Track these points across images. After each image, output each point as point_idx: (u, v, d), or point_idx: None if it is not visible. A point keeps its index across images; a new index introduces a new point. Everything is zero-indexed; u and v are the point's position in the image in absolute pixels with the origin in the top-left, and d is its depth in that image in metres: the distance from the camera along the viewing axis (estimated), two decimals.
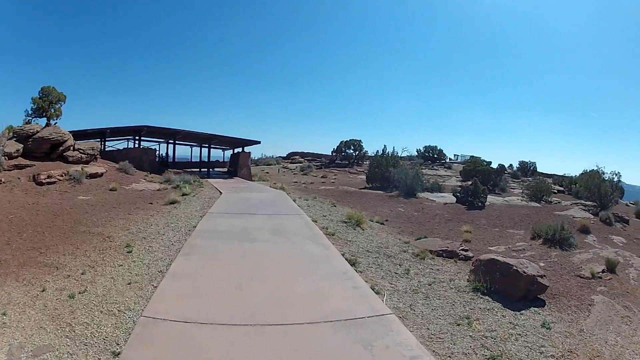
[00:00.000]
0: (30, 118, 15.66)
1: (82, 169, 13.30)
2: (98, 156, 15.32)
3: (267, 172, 26.63)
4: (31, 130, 14.36)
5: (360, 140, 31.90)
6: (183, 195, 12.19)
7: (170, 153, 31.39)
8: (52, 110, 15.52)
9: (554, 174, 28.45)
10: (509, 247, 8.61)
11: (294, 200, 12.36)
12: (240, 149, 23.44)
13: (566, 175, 24.83)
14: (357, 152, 31.50)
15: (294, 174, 27.12)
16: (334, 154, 32.42)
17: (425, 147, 37.07)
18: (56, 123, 15.90)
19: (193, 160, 27.15)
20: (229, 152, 28.69)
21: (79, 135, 16.28)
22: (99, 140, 19.20)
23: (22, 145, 14.06)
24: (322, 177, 24.14)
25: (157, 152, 27.62)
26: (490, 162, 26.48)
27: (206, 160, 23.92)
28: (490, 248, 8.48)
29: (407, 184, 15.18)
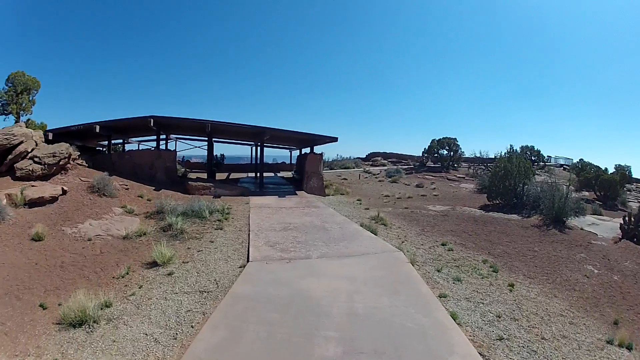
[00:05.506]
0: None
1: (20, 192, 7.40)
2: (70, 165, 9.38)
3: (345, 179, 19.29)
4: None
5: (455, 139, 26.45)
6: (152, 266, 5.14)
7: (226, 154, 26.33)
8: (23, 103, 10.07)
9: None
10: None
11: (454, 319, 3.91)
12: (307, 149, 16.17)
13: None
14: (452, 153, 26.12)
15: (379, 180, 20.11)
16: (424, 155, 27.31)
17: (522, 147, 29.82)
18: (28, 120, 10.50)
19: (247, 163, 21.07)
20: (296, 152, 21.96)
21: (61, 134, 10.75)
22: (105, 141, 13.68)
23: None
24: (417, 186, 18.69)
25: (209, 154, 22.13)
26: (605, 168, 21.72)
27: (260, 162, 17.00)
28: None
29: (556, 207, 10.07)
